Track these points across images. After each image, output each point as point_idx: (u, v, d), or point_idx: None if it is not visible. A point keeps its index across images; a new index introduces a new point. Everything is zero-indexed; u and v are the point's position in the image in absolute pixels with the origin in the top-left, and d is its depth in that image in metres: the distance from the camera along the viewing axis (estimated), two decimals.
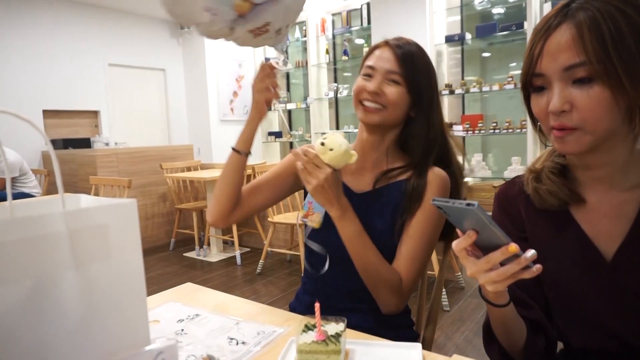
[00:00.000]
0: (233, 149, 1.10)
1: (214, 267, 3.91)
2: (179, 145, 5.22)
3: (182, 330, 0.85)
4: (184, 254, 4.30)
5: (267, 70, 1.08)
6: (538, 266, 0.62)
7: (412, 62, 1.06)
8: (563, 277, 0.77)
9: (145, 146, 5.00)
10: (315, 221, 1.07)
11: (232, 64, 6.59)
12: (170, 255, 4.32)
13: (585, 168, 0.75)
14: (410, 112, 1.08)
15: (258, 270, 3.66)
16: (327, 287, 1.09)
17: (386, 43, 1.08)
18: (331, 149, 0.92)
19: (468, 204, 0.59)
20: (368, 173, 1.12)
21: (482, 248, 0.65)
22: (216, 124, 6.40)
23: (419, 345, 0.75)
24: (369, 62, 1.08)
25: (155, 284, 3.47)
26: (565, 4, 0.68)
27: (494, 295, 0.71)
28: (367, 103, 1.06)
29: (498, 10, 5.61)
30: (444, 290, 2.76)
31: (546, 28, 0.68)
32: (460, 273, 3.10)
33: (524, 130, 4.92)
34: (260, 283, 3.47)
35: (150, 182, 4.57)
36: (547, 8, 4.65)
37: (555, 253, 0.77)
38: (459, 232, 0.66)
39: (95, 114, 5.74)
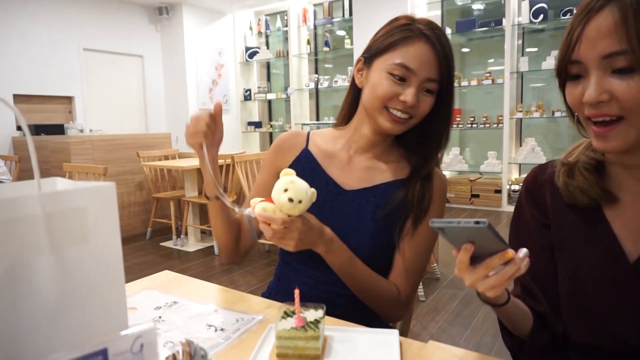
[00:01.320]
0: (206, 196, 1.02)
1: (191, 256, 3.88)
2: (156, 134, 5.13)
3: (160, 317, 0.85)
4: (161, 244, 4.25)
5: (205, 122, 0.95)
6: (526, 261, 0.62)
7: (451, 64, 0.93)
8: (580, 271, 0.75)
9: (121, 134, 4.90)
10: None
11: (212, 52, 6.51)
12: (146, 245, 4.26)
13: (624, 166, 0.71)
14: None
15: None
16: (302, 285, 1.00)
17: (423, 35, 0.91)
18: (300, 201, 0.78)
19: (477, 222, 0.57)
20: (359, 168, 1.03)
21: (475, 257, 0.64)
22: (194, 112, 6.32)
23: (396, 331, 0.76)
24: (404, 61, 0.90)
25: (132, 273, 3.42)
26: None
27: (493, 298, 0.69)
28: (396, 112, 0.92)
29: (478, 6, 5.68)
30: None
31: (587, 11, 0.62)
32: (436, 264, 3.15)
33: (500, 125, 5.02)
34: (238, 273, 3.46)
35: (126, 171, 4.48)
36: (525, 6, 4.73)
37: (578, 245, 0.75)
38: (454, 251, 0.65)
39: (69, 99, 5.59)
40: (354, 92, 1.04)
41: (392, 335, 0.75)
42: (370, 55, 0.97)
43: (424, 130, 0.99)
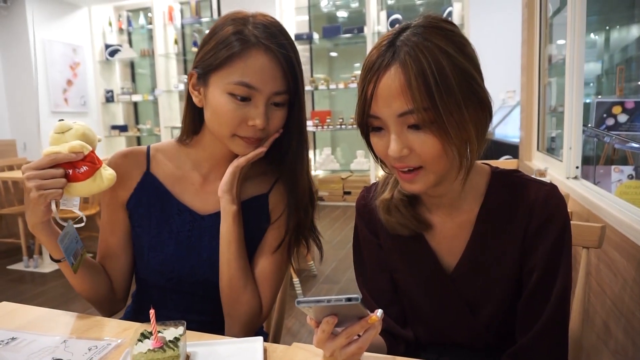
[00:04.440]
0: (55, 260, 0.89)
1: (48, 278, 3.45)
2: None
3: None
4: (8, 267, 3.70)
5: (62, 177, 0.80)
6: (381, 312, 0.65)
7: (296, 70, 0.85)
8: (411, 287, 0.85)
9: None
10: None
11: (65, 48, 5.85)
12: None
13: (429, 196, 0.81)
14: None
15: None
16: (163, 309, 0.95)
17: (260, 44, 0.81)
18: (69, 129, 0.83)
19: (349, 299, 0.57)
20: (216, 189, 0.91)
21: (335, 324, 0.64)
22: (46, 116, 5.62)
23: (260, 338, 0.77)
24: (244, 78, 0.80)
25: None
26: (391, 40, 0.67)
27: None
28: (248, 136, 0.84)
29: (342, 13, 6.00)
30: (297, 279, 2.88)
31: (376, 68, 0.67)
32: (312, 262, 3.26)
33: None
34: None
35: None
36: (383, 16, 5.12)
37: (406, 266, 0.85)
38: (311, 321, 0.65)
39: None
40: (193, 108, 0.91)
41: (256, 343, 0.76)
42: (205, 71, 0.84)
43: (279, 141, 0.90)
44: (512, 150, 3.55)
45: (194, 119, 0.92)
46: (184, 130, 0.95)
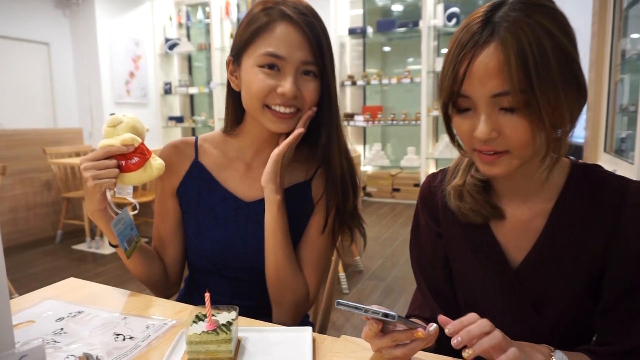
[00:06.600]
0: (112, 245, 0.97)
1: (107, 260, 3.66)
2: (65, 129, 4.76)
3: (62, 329, 0.79)
4: (73, 247, 3.96)
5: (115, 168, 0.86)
6: (436, 331, 0.65)
7: (324, 47, 0.86)
8: (470, 278, 0.81)
9: (23, 128, 4.49)
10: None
11: (128, 42, 6.15)
12: (56, 249, 3.95)
13: (504, 185, 0.77)
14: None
15: None
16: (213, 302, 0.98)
17: (285, 16, 0.83)
18: (120, 122, 0.89)
19: (386, 315, 0.59)
20: (260, 175, 0.91)
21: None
22: (110, 106, 5.93)
23: (309, 328, 0.77)
24: (270, 48, 0.82)
25: (38, 280, 3.16)
26: (487, 17, 0.64)
27: None
28: (279, 108, 0.85)
29: (397, 7, 5.90)
30: (343, 273, 2.88)
31: (471, 46, 0.63)
32: (359, 257, 3.24)
33: (418, 122, 5.27)
34: None
35: (31, 169, 4.11)
36: (440, 9, 4.98)
37: (467, 256, 0.81)
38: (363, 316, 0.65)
39: None
40: (233, 97, 0.94)
41: (305, 333, 0.77)
42: (237, 52, 0.88)
43: (317, 123, 0.91)
44: (574, 150, 3.36)
45: (235, 108, 0.96)
46: (227, 121, 0.99)
